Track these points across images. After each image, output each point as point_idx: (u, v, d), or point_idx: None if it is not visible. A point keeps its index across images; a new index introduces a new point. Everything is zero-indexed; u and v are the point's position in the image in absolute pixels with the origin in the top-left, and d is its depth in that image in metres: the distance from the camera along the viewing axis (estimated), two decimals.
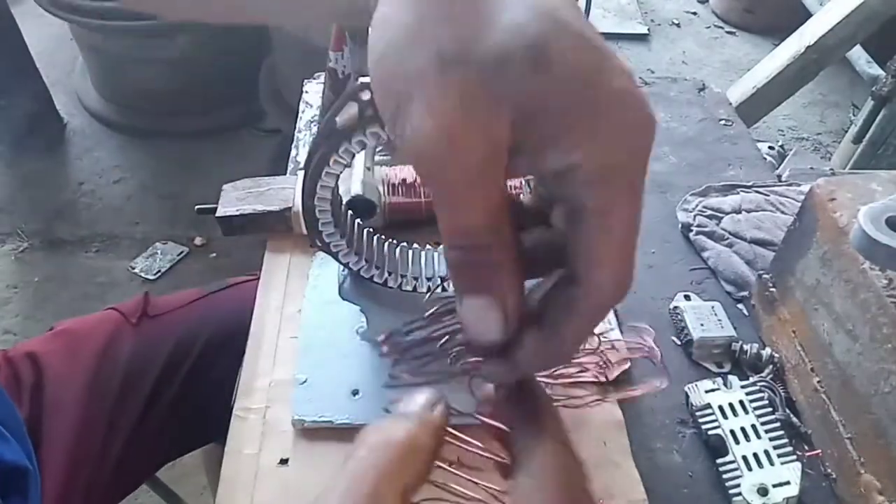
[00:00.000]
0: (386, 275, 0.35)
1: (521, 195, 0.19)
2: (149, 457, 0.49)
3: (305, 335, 0.41)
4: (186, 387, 0.50)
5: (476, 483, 0.20)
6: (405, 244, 0.37)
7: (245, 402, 0.38)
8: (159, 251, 1.30)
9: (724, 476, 0.36)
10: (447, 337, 0.28)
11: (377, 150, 0.52)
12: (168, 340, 0.51)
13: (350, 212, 0.36)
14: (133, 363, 0.48)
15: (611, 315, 0.44)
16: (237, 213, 0.47)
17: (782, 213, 0.51)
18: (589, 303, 0.16)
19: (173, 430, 0.49)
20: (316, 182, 0.31)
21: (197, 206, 0.50)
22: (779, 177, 0.58)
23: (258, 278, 0.58)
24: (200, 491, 0.85)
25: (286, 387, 0.38)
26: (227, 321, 0.53)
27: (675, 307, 0.45)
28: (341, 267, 0.36)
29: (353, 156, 0.29)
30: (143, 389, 0.48)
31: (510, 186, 0.46)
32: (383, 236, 0.37)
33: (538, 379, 0.20)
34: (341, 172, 0.31)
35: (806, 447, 0.38)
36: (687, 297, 0.46)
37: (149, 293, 0.54)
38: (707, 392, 0.39)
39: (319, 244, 0.33)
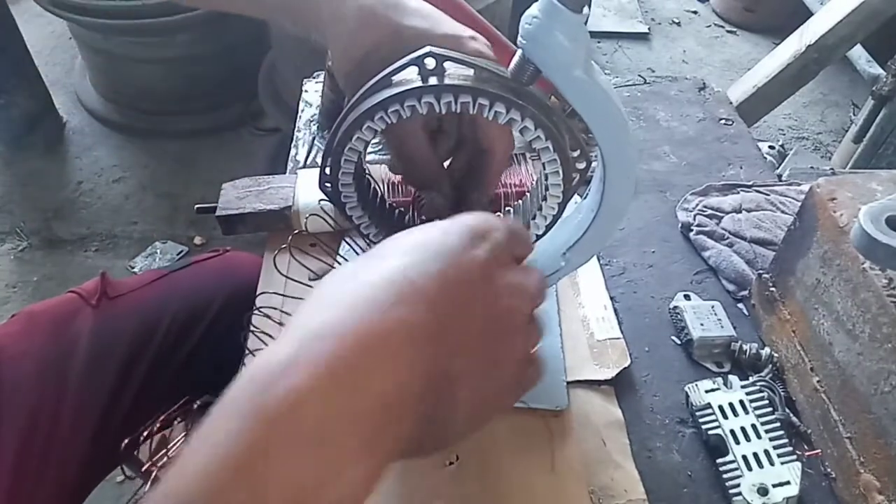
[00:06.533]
0: None
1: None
2: (122, 441, 0.48)
3: None
4: (155, 367, 0.50)
5: None
6: (424, 217, 0.37)
7: None
8: (158, 250, 1.30)
9: (724, 476, 0.36)
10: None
11: (377, 148, 0.52)
12: (131, 320, 0.50)
13: (372, 186, 0.36)
14: (95, 344, 0.48)
15: (611, 314, 0.44)
16: (237, 211, 0.47)
17: (783, 212, 0.51)
18: (498, 159, 0.34)
19: (146, 412, 0.48)
20: (340, 155, 0.31)
21: (197, 206, 0.50)
22: (779, 176, 0.58)
23: (220, 254, 0.58)
24: None
25: None
26: (190, 299, 0.53)
27: (675, 307, 0.45)
28: (365, 244, 0.37)
29: (376, 133, 0.30)
30: (110, 370, 0.48)
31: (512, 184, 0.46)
32: (402, 208, 0.37)
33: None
34: (365, 148, 0.31)
35: (806, 447, 0.38)
36: (687, 297, 0.46)
37: (106, 273, 0.52)
38: (707, 392, 0.39)
39: (341, 214, 0.34)
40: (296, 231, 0.44)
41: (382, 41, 0.30)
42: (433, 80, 0.28)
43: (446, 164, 0.36)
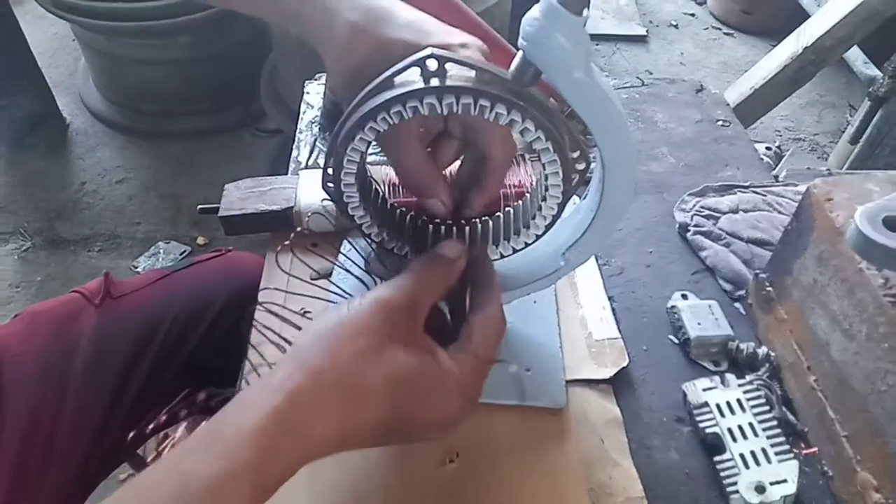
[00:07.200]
0: (407, 247, 0.36)
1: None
2: (124, 440, 0.49)
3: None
4: (157, 367, 0.50)
5: None
6: (425, 218, 0.37)
7: None
8: (162, 251, 1.30)
9: (722, 474, 0.36)
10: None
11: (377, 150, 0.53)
12: (134, 320, 0.50)
13: (374, 186, 0.37)
14: (98, 344, 0.48)
15: (609, 314, 0.45)
16: (239, 212, 0.47)
17: (779, 213, 0.52)
18: (497, 165, 0.34)
19: (148, 412, 0.49)
20: (343, 155, 0.31)
21: (199, 206, 0.50)
22: (776, 177, 0.58)
23: (222, 254, 0.58)
24: None
25: None
26: (193, 299, 0.53)
27: (673, 306, 0.45)
28: (366, 244, 0.37)
29: (378, 133, 0.30)
30: (112, 369, 0.48)
31: (511, 185, 0.46)
32: (403, 209, 0.37)
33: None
34: (367, 148, 0.31)
35: (803, 445, 0.39)
36: (684, 297, 0.46)
37: (109, 273, 0.53)
38: (704, 390, 0.39)
39: (344, 214, 0.34)
40: (297, 230, 0.44)
41: (372, 56, 0.31)
42: (435, 82, 0.29)
43: (456, 165, 0.36)
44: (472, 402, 0.30)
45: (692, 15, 2.05)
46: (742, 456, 0.36)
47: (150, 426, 0.44)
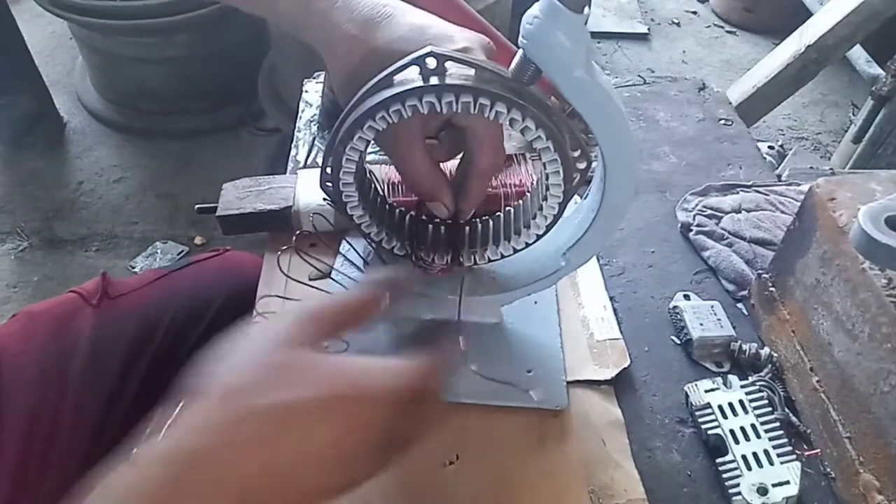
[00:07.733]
0: (406, 247, 0.36)
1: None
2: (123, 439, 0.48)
3: None
4: (155, 366, 0.50)
5: None
6: (424, 218, 0.37)
7: None
8: (159, 250, 1.30)
9: (724, 475, 0.36)
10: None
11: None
12: (132, 320, 0.50)
13: (374, 185, 0.36)
14: (96, 344, 0.48)
15: (610, 314, 0.44)
16: (237, 212, 0.47)
17: (782, 212, 0.51)
18: (480, 172, 0.34)
19: (146, 412, 0.48)
20: (342, 154, 0.31)
21: (197, 206, 0.50)
22: (778, 176, 0.58)
23: (220, 254, 0.58)
24: None
25: None
26: (191, 299, 0.53)
27: (675, 306, 0.45)
28: (365, 244, 0.37)
29: (377, 132, 0.30)
30: (111, 369, 0.48)
31: (511, 184, 0.46)
32: (403, 208, 0.37)
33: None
34: (366, 147, 0.31)
35: (805, 446, 0.38)
36: (686, 297, 0.46)
37: (107, 273, 0.53)
38: (706, 392, 0.39)
39: (342, 213, 0.34)
40: (297, 232, 0.44)
41: (371, 59, 0.31)
42: (434, 80, 0.28)
43: (456, 161, 0.36)
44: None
45: (694, 13, 2.05)
46: (744, 457, 0.36)
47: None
